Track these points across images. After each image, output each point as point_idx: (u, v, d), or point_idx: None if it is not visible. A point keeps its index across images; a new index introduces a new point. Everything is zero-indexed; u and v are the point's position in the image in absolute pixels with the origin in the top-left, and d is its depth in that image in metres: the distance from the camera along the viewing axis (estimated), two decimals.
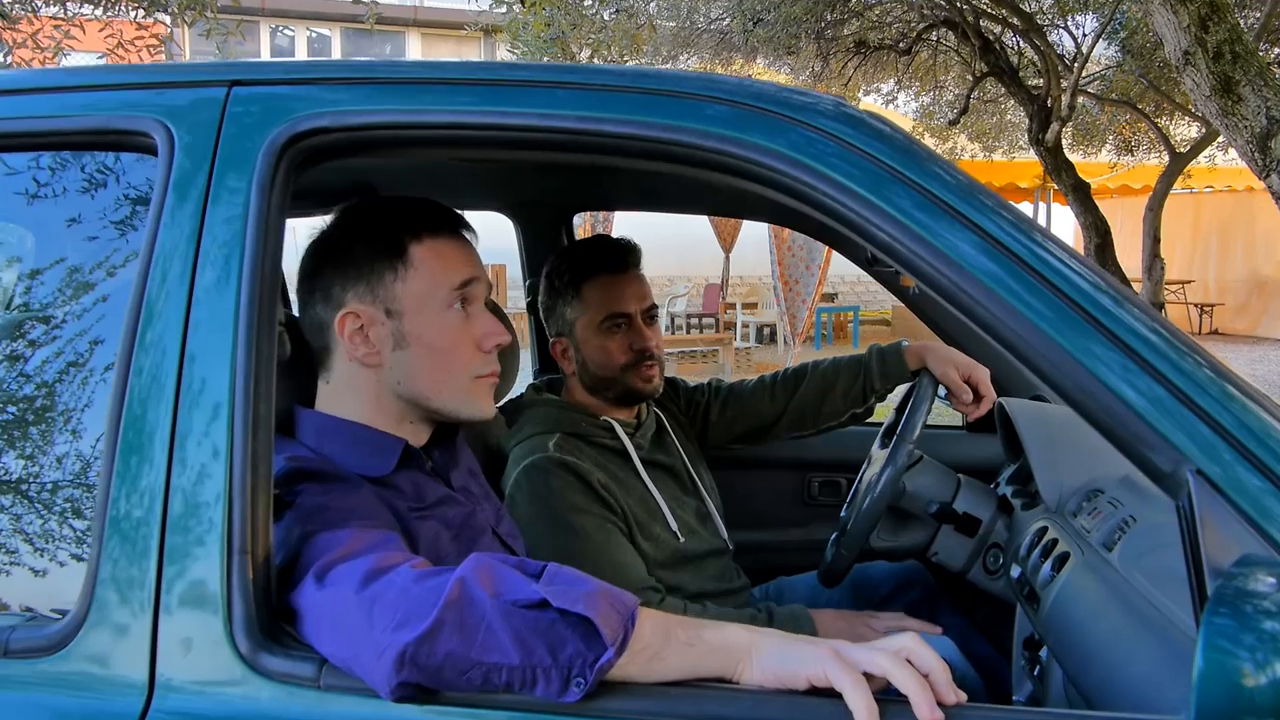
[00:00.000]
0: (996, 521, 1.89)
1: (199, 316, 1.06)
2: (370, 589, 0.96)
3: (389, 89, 1.12)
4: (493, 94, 1.10)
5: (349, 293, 1.29)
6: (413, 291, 1.28)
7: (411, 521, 1.26)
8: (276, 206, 1.10)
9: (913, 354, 2.05)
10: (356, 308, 1.28)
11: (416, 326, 1.29)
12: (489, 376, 1.37)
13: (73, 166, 1.20)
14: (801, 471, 2.62)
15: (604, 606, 0.92)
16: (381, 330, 1.29)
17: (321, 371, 1.34)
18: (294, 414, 1.33)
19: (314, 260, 1.32)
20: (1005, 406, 1.92)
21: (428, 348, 1.30)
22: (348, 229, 1.33)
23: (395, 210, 1.33)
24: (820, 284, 10.12)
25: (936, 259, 0.96)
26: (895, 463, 1.82)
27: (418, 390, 1.31)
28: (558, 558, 1.77)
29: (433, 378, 1.31)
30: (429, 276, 1.29)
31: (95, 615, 1.01)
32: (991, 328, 0.95)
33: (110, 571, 1.01)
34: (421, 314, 1.29)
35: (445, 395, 1.33)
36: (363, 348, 1.29)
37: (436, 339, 1.30)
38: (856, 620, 1.84)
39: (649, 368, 1.94)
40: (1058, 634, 1.43)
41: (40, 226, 1.23)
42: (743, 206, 2.44)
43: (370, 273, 1.28)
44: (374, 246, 1.29)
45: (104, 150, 1.19)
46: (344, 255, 1.30)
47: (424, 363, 1.30)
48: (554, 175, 2.21)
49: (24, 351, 1.19)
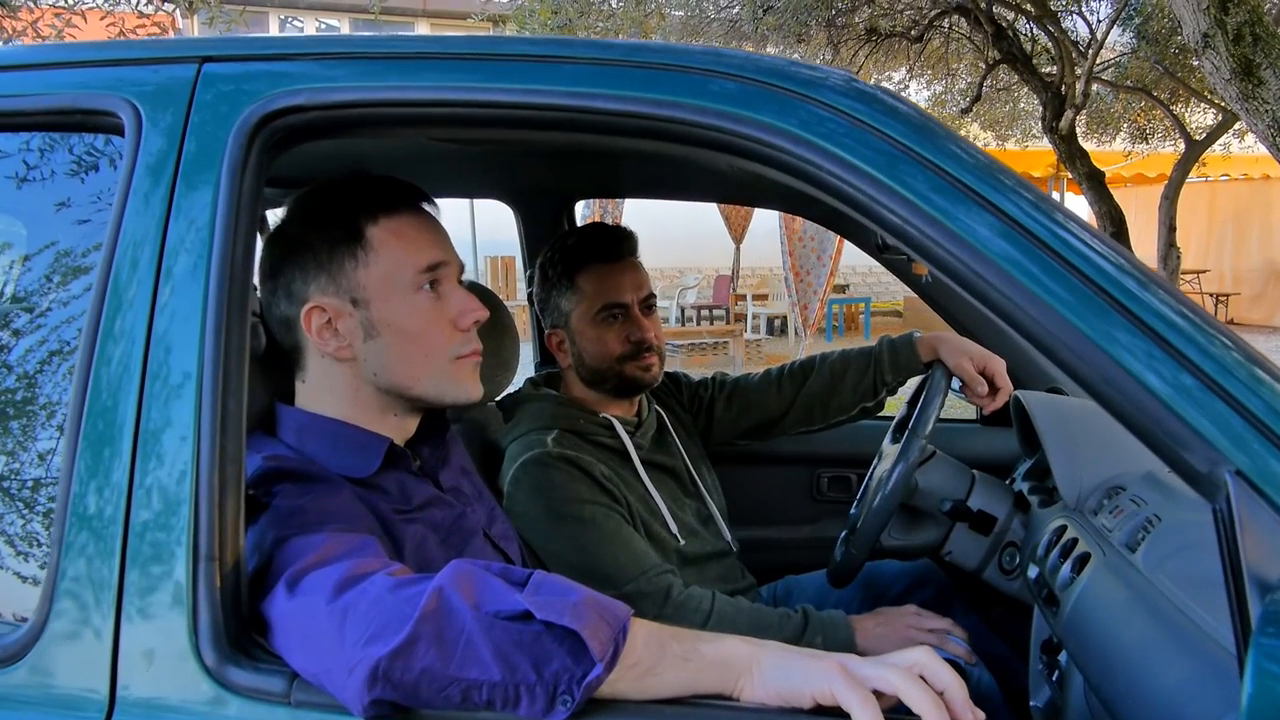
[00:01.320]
0: (1013, 519, 1.82)
1: (166, 306, 1.00)
2: (342, 599, 0.90)
3: (368, 64, 1.06)
4: (479, 69, 1.04)
5: (310, 286, 1.22)
6: (376, 277, 1.21)
7: (396, 525, 1.19)
8: (250, 190, 1.03)
9: (925, 345, 1.97)
10: (321, 301, 1.21)
11: (385, 313, 1.22)
12: (470, 356, 1.29)
13: (37, 148, 1.13)
14: (810, 467, 2.55)
15: (592, 618, 0.85)
16: (350, 321, 1.22)
17: (296, 370, 1.27)
18: (274, 411, 1.27)
19: (272, 256, 1.25)
20: (1022, 399, 1.84)
21: (400, 334, 1.23)
22: (301, 218, 1.25)
23: (347, 192, 1.25)
24: (832, 275, 10.02)
25: (953, 243, 0.89)
26: (907, 458, 1.75)
27: (396, 379, 1.25)
28: (567, 551, 1.75)
29: (410, 364, 1.24)
30: (391, 259, 1.22)
31: (54, 625, 0.95)
32: (1011, 316, 0.88)
33: (70, 579, 0.95)
34: (389, 300, 1.22)
35: (426, 381, 1.26)
36: (333, 342, 1.22)
37: (409, 323, 1.23)
38: (899, 622, 1.76)
39: (647, 358, 1.87)
40: (1078, 639, 1.36)
41: (1, 211, 1.16)
42: (751, 193, 2.37)
43: (330, 262, 1.21)
44: (330, 234, 1.22)
45: (69, 131, 1.13)
46: (301, 247, 1.22)
47: (399, 350, 1.23)
48: (555, 161, 2.15)
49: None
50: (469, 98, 1.02)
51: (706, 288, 14.73)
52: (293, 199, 1.28)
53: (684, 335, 11.08)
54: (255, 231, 1.04)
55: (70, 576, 0.94)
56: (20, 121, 1.11)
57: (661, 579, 1.70)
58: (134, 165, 1.05)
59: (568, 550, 1.71)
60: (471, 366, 1.30)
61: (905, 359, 2.00)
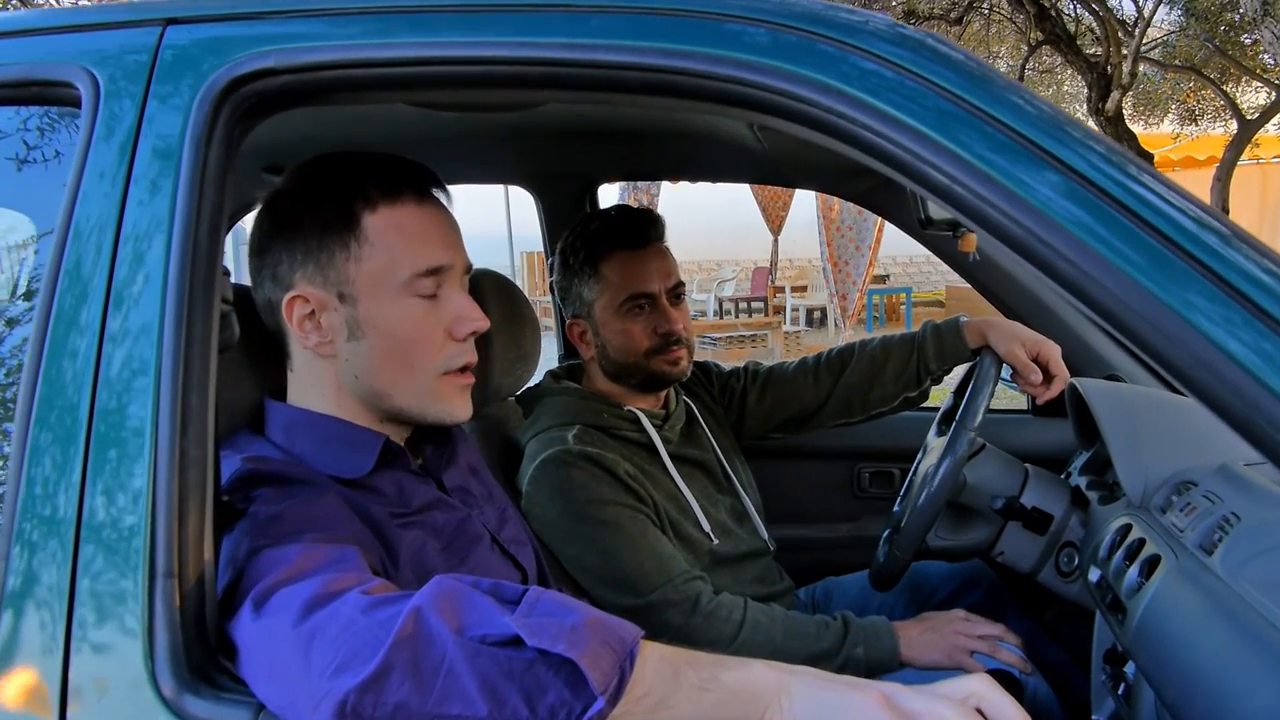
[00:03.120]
0: (1070, 518, 1.69)
1: (122, 292, 0.90)
2: (310, 621, 0.79)
3: (344, 20, 0.94)
4: (466, 22, 0.92)
5: (297, 272, 1.10)
6: (368, 273, 1.09)
7: (391, 530, 1.08)
8: (217, 164, 0.93)
9: (973, 330, 1.84)
10: (305, 290, 1.10)
11: (372, 313, 1.10)
12: (460, 374, 1.16)
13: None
14: (850, 461, 2.43)
15: (593, 644, 0.73)
16: (334, 317, 1.10)
17: (286, 359, 1.17)
18: (263, 407, 1.17)
19: (261, 232, 1.13)
20: (1079, 387, 1.70)
21: (386, 338, 1.11)
22: (294, 193, 1.13)
23: (347, 170, 1.12)
24: (871, 265, 9.93)
25: (1014, 207, 0.77)
26: (955, 452, 1.62)
27: (376, 386, 1.13)
28: (588, 555, 1.63)
29: (392, 372, 1.13)
30: (387, 255, 1.09)
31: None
32: (1081, 289, 0.75)
33: (13, 599, 0.85)
34: (378, 299, 1.10)
35: (407, 393, 1.14)
36: (314, 336, 1.11)
37: (397, 329, 1.11)
38: (947, 628, 1.63)
39: (675, 351, 1.75)
40: (1151, 652, 1.23)
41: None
42: (786, 172, 2.24)
43: (319, 249, 1.09)
44: (322, 216, 1.09)
45: (26, 104, 1.03)
46: (290, 226, 1.11)
47: (383, 355, 1.12)
48: (575, 142, 2.04)
49: None
50: (455, 54, 0.91)
51: (744, 280, 14.65)
52: (290, 169, 1.17)
53: (721, 328, 10.96)
54: (223, 209, 0.94)
55: (13, 596, 0.84)
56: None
57: (689, 586, 1.59)
58: (90, 139, 0.95)
59: (589, 555, 1.61)
60: (460, 386, 1.17)
61: (951, 345, 1.86)
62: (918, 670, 1.60)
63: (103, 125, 0.95)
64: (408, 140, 1.88)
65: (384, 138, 1.91)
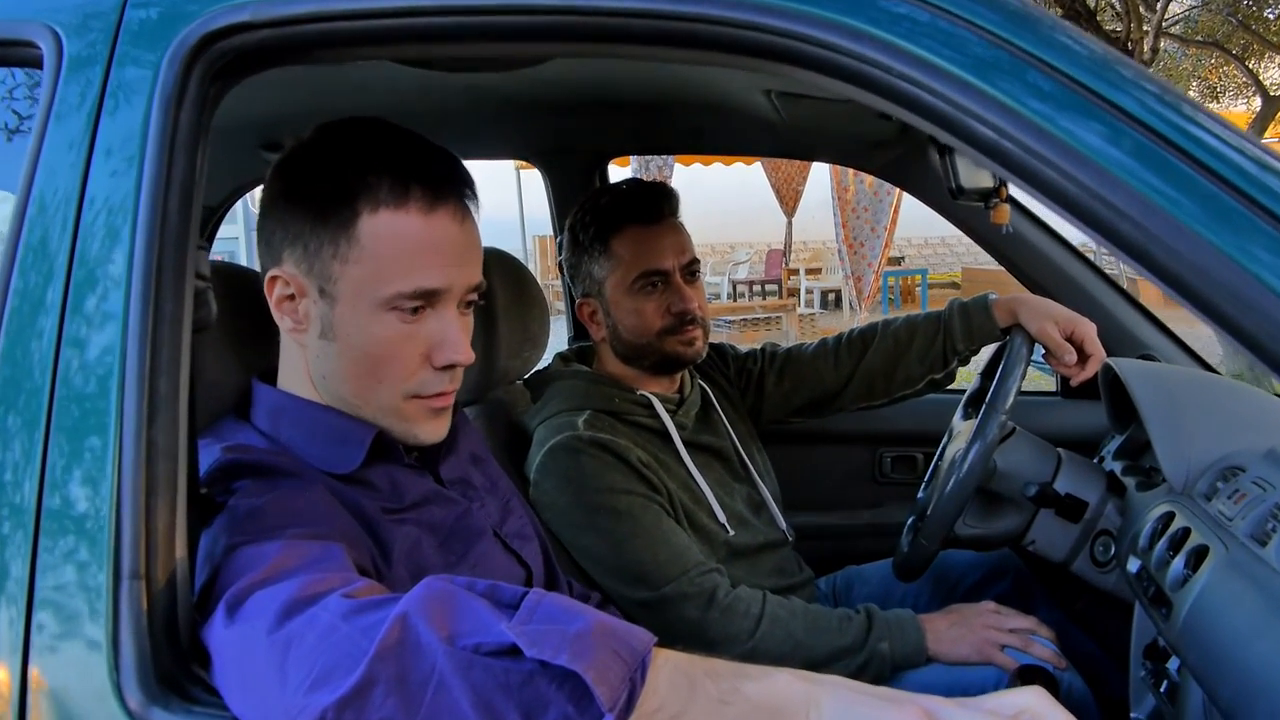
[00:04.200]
0: (1106, 504, 1.60)
1: (84, 269, 0.82)
2: (287, 628, 0.71)
3: None
4: None
5: (286, 248, 1.01)
6: (352, 278, 0.99)
7: (384, 526, 1.01)
8: (188, 127, 0.86)
9: (1002, 308, 1.75)
10: (288, 272, 1.01)
11: (346, 320, 1.00)
12: (433, 399, 1.06)
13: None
14: (872, 446, 2.34)
15: (600, 654, 0.66)
16: (311, 308, 1.02)
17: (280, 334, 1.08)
18: (251, 390, 1.09)
19: (266, 194, 1.04)
20: (1114, 367, 1.61)
21: (354, 349, 1.01)
22: (302, 165, 1.02)
23: (362, 153, 1.00)
24: (886, 246, 9.85)
25: (1071, 162, 0.68)
26: (985, 437, 1.54)
27: (341, 392, 1.04)
28: (599, 546, 1.54)
29: (357, 384, 1.03)
30: (374, 268, 0.98)
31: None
32: (1149, 255, 0.67)
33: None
34: (355, 308, 1.00)
35: (369, 407, 1.05)
36: (289, 319, 1.03)
37: (368, 343, 1.01)
38: (976, 621, 1.55)
39: (690, 331, 1.67)
40: (1200, 651, 1.15)
41: None
42: (803, 144, 2.15)
43: (310, 235, 0.99)
44: (321, 202, 0.99)
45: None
46: (291, 200, 1.01)
47: (348, 365, 1.02)
48: (584, 114, 1.96)
49: None
50: (446, 3, 0.83)
51: (758, 262, 14.57)
52: (311, 130, 1.05)
53: (736, 310, 10.87)
54: (196, 178, 0.86)
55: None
56: None
57: (705, 579, 1.51)
58: (52, 102, 0.87)
59: (600, 546, 1.54)
60: (430, 410, 1.06)
61: (979, 324, 1.77)
62: (945, 666, 1.53)
63: (66, 86, 0.88)
64: (411, 112, 1.80)
65: (386, 110, 1.83)
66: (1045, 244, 2.05)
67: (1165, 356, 1.99)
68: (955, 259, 17.64)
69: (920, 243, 17.48)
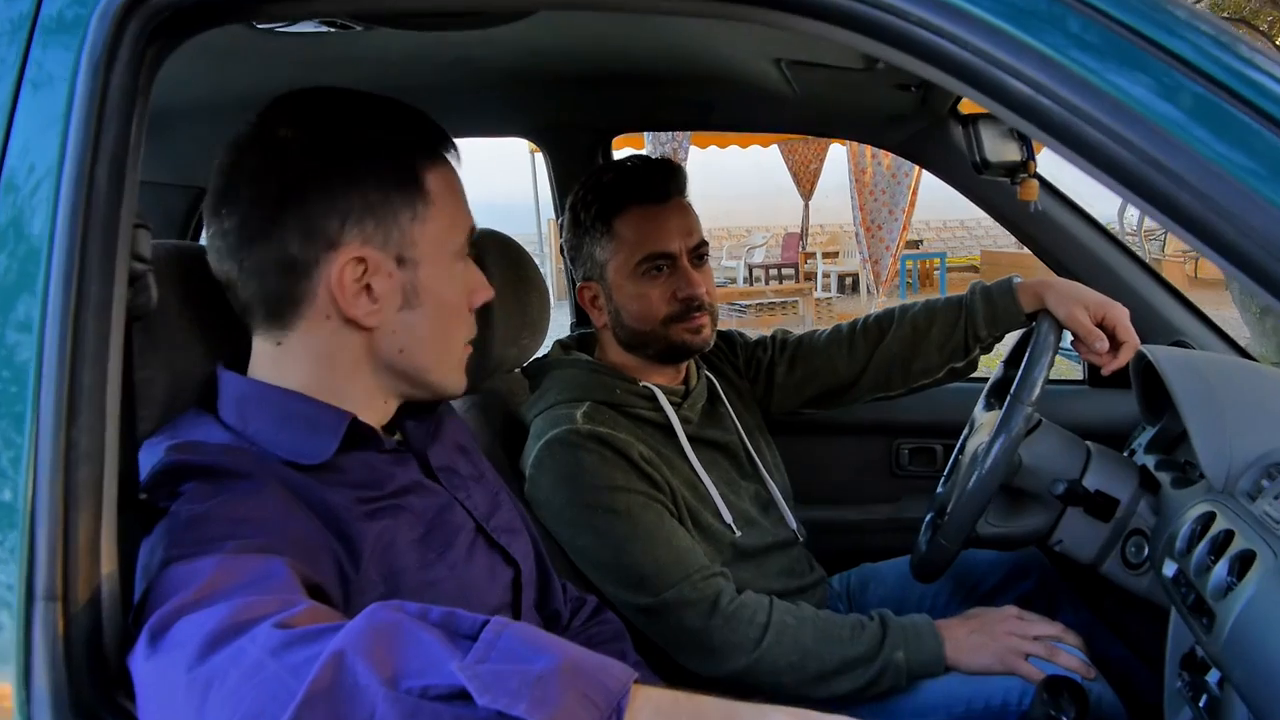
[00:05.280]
0: (1138, 502, 1.50)
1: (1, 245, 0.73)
2: (209, 663, 0.63)
3: None
4: None
5: (351, 228, 0.95)
6: (431, 235, 1.00)
7: (354, 523, 0.92)
8: (120, 92, 0.77)
9: (1028, 292, 1.64)
10: (364, 251, 0.96)
11: (432, 280, 1.01)
12: (469, 347, 1.10)
13: None
14: (888, 437, 2.26)
15: (567, 699, 0.56)
16: (389, 283, 0.98)
17: (267, 328, 0.99)
18: (216, 379, 1.00)
19: (283, 177, 0.94)
20: (1149, 355, 1.51)
21: (441, 308, 1.03)
22: (335, 138, 0.96)
23: (387, 117, 1.00)
24: (904, 229, 9.75)
25: (1112, 115, 0.58)
26: (1010, 430, 1.44)
27: (421, 361, 1.03)
28: (596, 548, 1.44)
29: (439, 344, 1.04)
30: (446, 217, 1.01)
31: None
32: (1204, 224, 0.57)
33: None
34: (438, 264, 1.01)
35: (444, 367, 1.06)
36: (364, 304, 0.97)
37: (451, 297, 1.04)
38: (998, 628, 1.47)
39: (697, 319, 1.58)
40: (1249, 668, 1.05)
41: None
42: (816, 119, 2.06)
43: (383, 206, 0.97)
44: (381, 170, 0.97)
45: None
46: (340, 176, 0.95)
47: (435, 326, 1.03)
48: (586, 90, 1.86)
49: None
50: None
51: (774, 246, 14.46)
52: (287, 105, 0.99)
53: (751, 295, 10.78)
54: (132, 147, 0.77)
55: None
56: None
57: (709, 584, 1.42)
58: None
59: (597, 547, 1.46)
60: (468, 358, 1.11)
61: (1004, 309, 1.67)
62: (965, 676, 1.43)
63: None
64: (403, 88, 1.69)
65: (376, 84, 1.74)
66: (1073, 224, 1.95)
67: (1200, 344, 1.88)
68: (974, 242, 17.49)
69: (939, 225, 17.32)
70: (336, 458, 0.96)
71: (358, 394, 1.01)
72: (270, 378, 0.99)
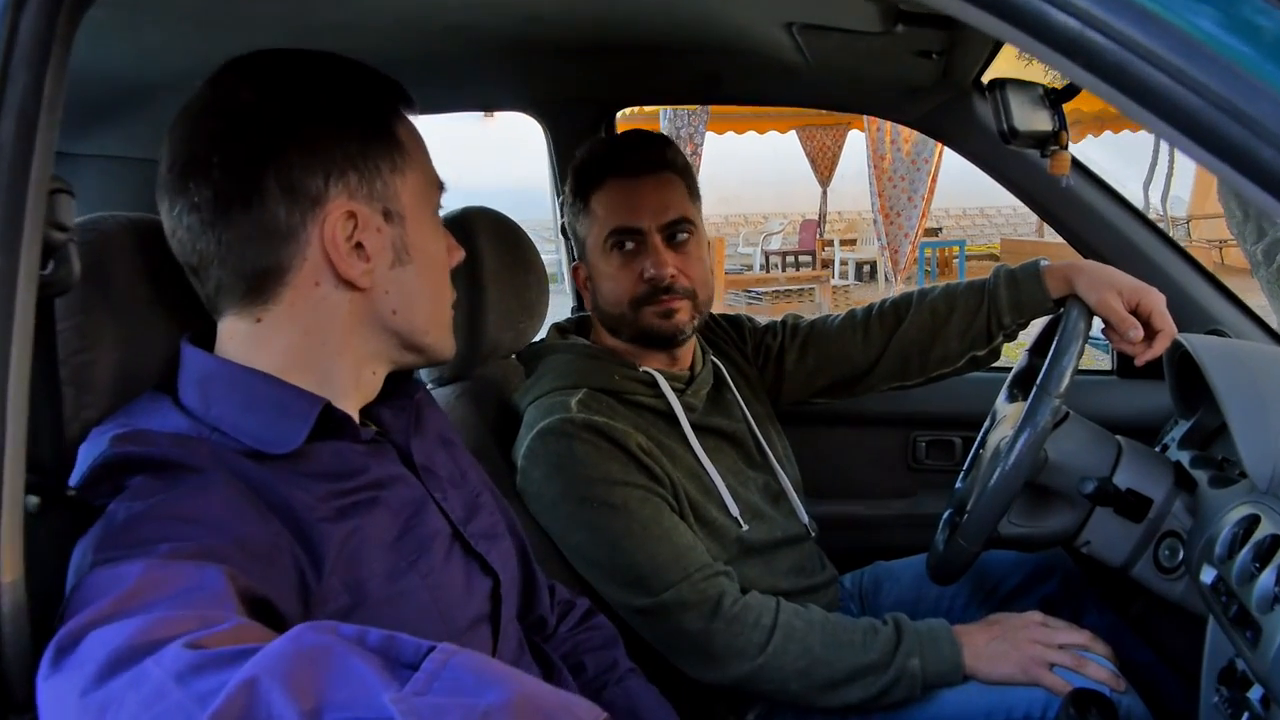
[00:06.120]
0: (1173, 502, 1.40)
1: None
2: (107, 687, 0.54)
3: None
4: None
5: (334, 183, 0.89)
6: (411, 188, 0.96)
7: (316, 525, 0.84)
8: (32, 37, 0.67)
9: (1056, 276, 1.53)
10: (352, 205, 0.90)
11: (417, 235, 0.97)
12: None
13: None
14: (905, 429, 2.16)
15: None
16: (379, 239, 0.93)
17: (246, 304, 0.90)
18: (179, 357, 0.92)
19: (257, 139, 0.88)
20: (1186, 344, 1.41)
21: (429, 263, 0.99)
22: (301, 95, 0.91)
23: (352, 74, 0.95)
24: (923, 217, 9.69)
25: (1178, 51, 0.48)
26: (1035, 423, 1.35)
27: (417, 321, 0.98)
28: (591, 545, 1.34)
29: (430, 303, 1.00)
30: (420, 169, 0.98)
31: None
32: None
33: None
34: (421, 218, 0.98)
35: (438, 328, 1.02)
36: (357, 263, 0.91)
37: (436, 252, 1.00)
38: (1020, 635, 1.38)
39: (666, 302, 1.49)
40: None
41: None
42: (829, 92, 1.95)
43: (362, 158, 0.91)
44: (355, 122, 0.92)
45: None
46: (316, 130, 0.89)
47: (426, 282, 0.99)
48: (588, 60, 1.77)
49: None
50: None
51: (792, 233, 14.39)
52: (239, 69, 0.92)
53: (767, 281, 10.72)
54: (46, 101, 0.68)
55: None
56: None
57: (710, 584, 1.34)
58: None
59: (591, 544, 1.38)
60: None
61: (1029, 294, 1.56)
62: (985, 686, 1.34)
63: None
64: (395, 59, 1.60)
65: (365, 53, 1.65)
66: (1102, 203, 1.85)
67: (1237, 333, 1.78)
68: (994, 230, 17.33)
69: (958, 213, 17.15)
70: (306, 446, 0.88)
71: (345, 366, 0.94)
72: (240, 358, 0.90)
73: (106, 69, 1.54)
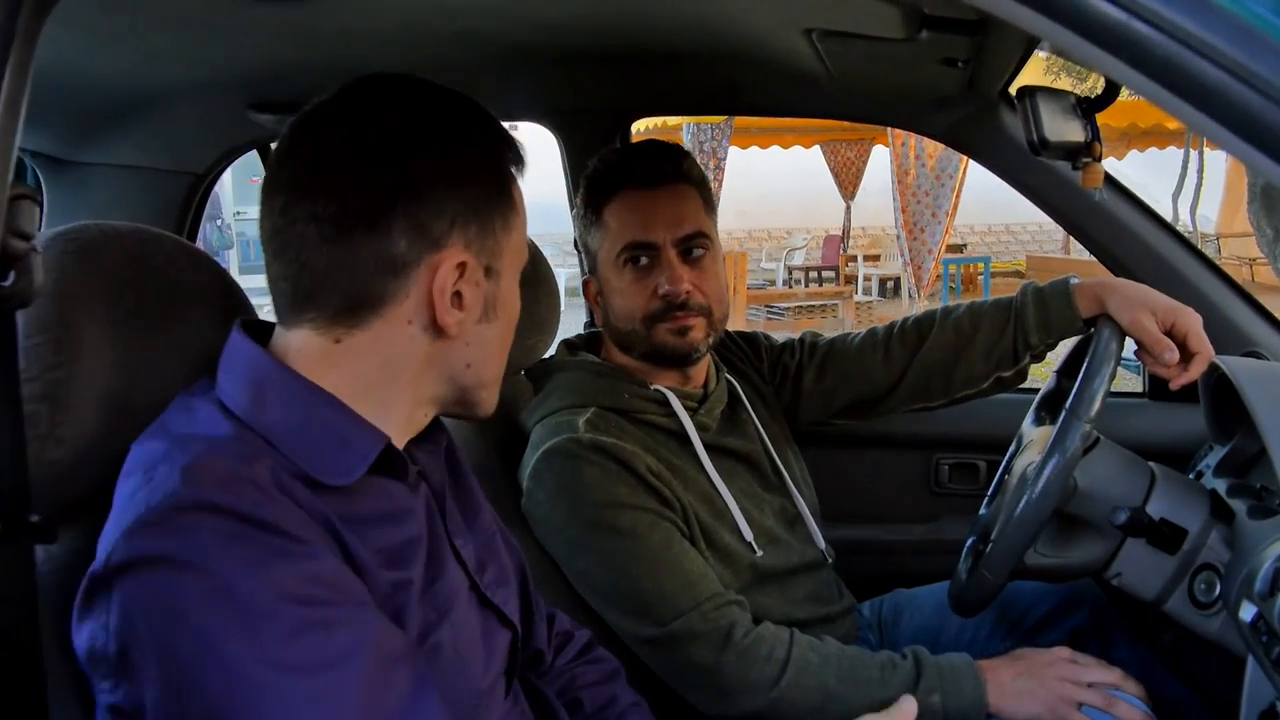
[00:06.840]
0: (1209, 533, 1.34)
1: None
2: None
3: None
4: None
5: (456, 231, 0.89)
6: (513, 247, 0.96)
7: (368, 570, 0.82)
8: None
9: (1087, 295, 1.47)
10: (465, 255, 0.89)
11: (507, 294, 0.97)
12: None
13: None
14: (926, 451, 2.11)
15: None
16: (476, 292, 0.92)
17: (332, 323, 0.87)
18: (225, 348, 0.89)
19: (397, 169, 0.87)
20: (1224, 367, 1.35)
21: (508, 323, 0.99)
22: (444, 134, 0.90)
23: (487, 121, 0.94)
24: (947, 233, 9.68)
25: (1234, 41, 0.42)
26: (1065, 449, 1.29)
27: (484, 376, 0.97)
28: (598, 571, 1.28)
29: (498, 362, 0.99)
30: (520, 231, 0.97)
31: None
32: None
33: None
34: (511, 279, 0.97)
35: (495, 386, 1.00)
36: (455, 312, 0.90)
37: (515, 313, 1.00)
38: (1047, 672, 1.32)
39: (680, 319, 1.44)
40: None
41: None
42: (852, 102, 1.91)
43: (485, 211, 0.91)
44: (484, 173, 0.92)
45: None
46: (452, 174, 0.89)
47: (500, 342, 0.98)
48: (604, 70, 1.74)
49: None
50: None
51: (815, 248, 14.42)
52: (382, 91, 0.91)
53: (789, 297, 10.71)
54: (5, 99, 0.64)
55: None
56: None
57: (721, 614, 1.29)
58: None
59: (597, 570, 1.34)
60: None
61: (1059, 314, 1.50)
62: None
63: None
64: (402, 65, 1.58)
65: (375, 62, 1.62)
66: (1134, 219, 1.79)
67: (1276, 355, 1.72)
68: (1020, 247, 17.26)
69: (983, 230, 17.09)
70: (356, 485, 0.85)
71: (404, 403, 0.93)
72: (305, 371, 0.87)
73: (113, 76, 1.52)
